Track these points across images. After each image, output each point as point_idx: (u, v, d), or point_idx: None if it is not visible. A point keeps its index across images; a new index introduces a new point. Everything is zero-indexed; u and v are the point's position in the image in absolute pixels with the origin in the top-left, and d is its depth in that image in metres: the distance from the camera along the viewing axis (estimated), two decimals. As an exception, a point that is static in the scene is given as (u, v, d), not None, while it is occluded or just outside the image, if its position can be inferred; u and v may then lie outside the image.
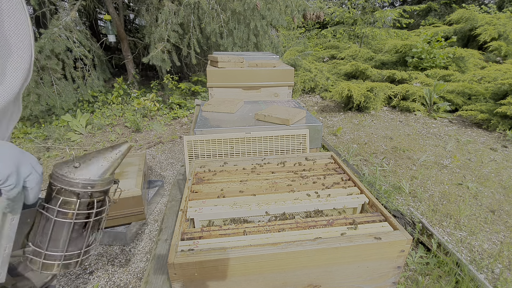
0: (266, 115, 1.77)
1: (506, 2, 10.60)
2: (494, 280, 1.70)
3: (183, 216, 0.99)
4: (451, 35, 8.19)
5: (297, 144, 1.69)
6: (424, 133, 4.02)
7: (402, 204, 2.39)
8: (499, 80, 4.43)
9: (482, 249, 1.94)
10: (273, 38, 5.18)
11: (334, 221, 0.98)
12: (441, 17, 11.73)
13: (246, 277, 0.84)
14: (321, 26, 12.78)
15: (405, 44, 6.52)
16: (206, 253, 0.81)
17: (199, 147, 1.60)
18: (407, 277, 1.71)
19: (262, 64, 2.41)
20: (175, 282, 0.81)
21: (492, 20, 7.75)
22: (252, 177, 1.27)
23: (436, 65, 6.14)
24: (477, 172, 2.94)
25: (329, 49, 8.89)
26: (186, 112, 4.61)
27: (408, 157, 3.25)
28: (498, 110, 3.96)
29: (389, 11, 8.60)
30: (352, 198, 1.10)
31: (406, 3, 14.31)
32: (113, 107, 4.57)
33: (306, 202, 1.07)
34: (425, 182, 2.73)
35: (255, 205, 1.05)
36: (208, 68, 2.32)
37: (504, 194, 2.56)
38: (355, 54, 7.67)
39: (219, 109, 1.98)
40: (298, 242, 0.84)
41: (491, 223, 2.19)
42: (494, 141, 3.75)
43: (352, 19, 8.73)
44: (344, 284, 0.92)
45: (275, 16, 4.61)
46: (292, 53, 7.30)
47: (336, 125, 4.30)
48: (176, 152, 3.38)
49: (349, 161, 3.05)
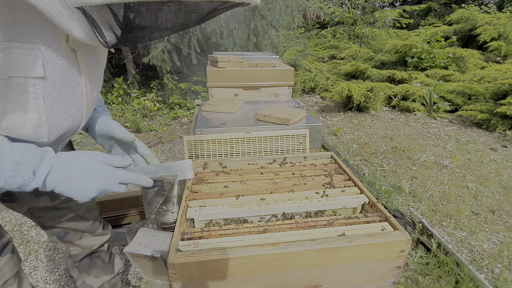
0: (266, 115, 1.77)
1: (506, 2, 10.60)
2: (494, 280, 1.70)
3: (183, 216, 0.99)
4: (451, 35, 8.19)
5: (297, 144, 1.69)
6: (424, 133, 4.02)
7: (402, 204, 2.39)
8: (499, 80, 4.43)
9: (482, 249, 1.94)
10: (273, 38, 5.18)
11: (334, 221, 0.98)
12: (441, 17, 11.74)
13: (246, 277, 0.84)
14: (321, 26, 12.78)
15: (405, 44, 6.52)
16: (206, 253, 0.81)
17: (199, 147, 1.60)
18: (407, 277, 1.71)
19: (262, 64, 2.41)
20: (175, 282, 0.81)
21: (492, 20, 7.75)
22: (252, 177, 1.27)
23: (436, 65, 6.14)
24: (477, 172, 2.94)
25: (329, 49, 8.89)
26: (186, 112, 4.61)
27: (408, 157, 3.25)
28: (498, 110, 3.97)
29: (389, 11, 8.60)
30: (352, 198, 1.10)
31: (406, 3, 14.31)
32: (113, 107, 4.57)
33: (306, 202, 1.07)
34: (425, 182, 2.73)
35: (255, 205, 1.05)
36: (208, 68, 2.32)
37: (504, 194, 2.56)
38: (355, 54, 7.67)
39: (219, 109, 1.98)
40: (298, 242, 0.84)
41: (491, 223, 2.19)
42: (494, 141, 3.75)
43: (352, 19, 8.74)
44: (344, 284, 0.92)
45: (275, 16, 4.61)
46: (292, 53, 7.30)
47: (336, 125, 4.31)
48: (176, 152, 3.38)
49: (349, 161, 3.05)
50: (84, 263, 1.09)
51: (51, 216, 0.93)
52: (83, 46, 0.62)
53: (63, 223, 0.96)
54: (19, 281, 0.80)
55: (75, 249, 1.05)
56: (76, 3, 0.44)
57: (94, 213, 1.05)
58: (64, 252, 1.06)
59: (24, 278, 0.84)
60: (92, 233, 1.06)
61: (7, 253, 0.77)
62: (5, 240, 0.77)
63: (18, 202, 0.85)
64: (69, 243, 1.03)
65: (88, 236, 1.05)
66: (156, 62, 4.27)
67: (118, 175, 0.65)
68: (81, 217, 0.99)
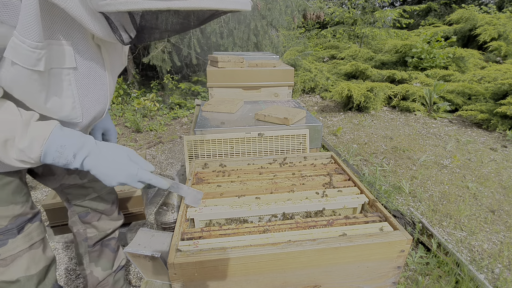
0: (266, 115, 1.77)
1: (506, 2, 10.60)
2: (494, 280, 1.70)
3: (183, 216, 0.99)
4: (451, 35, 8.19)
5: (297, 144, 1.69)
6: (424, 133, 4.02)
7: (402, 204, 2.39)
8: (499, 80, 4.43)
9: (482, 249, 1.94)
10: (273, 38, 5.18)
11: (334, 221, 0.98)
12: (441, 17, 11.74)
13: (246, 277, 0.84)
14: (321, 26, 12.78)
15: (405, 44, 6.51)
16: (206, 253, 0.81)
17: (199, 147, 1.60)
18: (407, 277, 1.71)
19: (262, 64, 2.41)
20: (175, 282, 0.81)
21: (492, 20, 7.75)
22: (252, 177, 1.27)
23: (436, 65, 6.14)
24: (477, 172, 2.94)
25: (329, 49, 8.88)
26: (186, 112, 4.61)
27: (408, 157, 3.25)
28: (498, 110, 3.96)
29: (389, 11, 8.60)
30: (352, 198, 1.10)
31: (406, 3, 14.32)
32: (113, 107, 4.57)
33: (306, 202, 1.07)
34: (425, 182, 2.73)
35: (255, 205, 1.05)
36: (208, 68, 2.32)
37: (504, 194, 2.56)
38: (355, 54, 7.67)
39: (219, 109, 1.98)
40: (298, 242, 0.84)
41: (491, 223, 2.19)
42: (494, 141, 3.75)
43: (352, 19, 8.73)
44: (344, 284, 0.92)
45: (275, 16, 4.61)
46: (292, 53, 7.30)
47: (336, 125, 4.31)
48: (176, 152, 3.38)
49: (349, 161, 3.06)
50: (96, 249, 1.20)
51: (77, 193, 1.08)
52: (106, 42, 0.74)
53: (86, 201, 1.11)
54: (43, 246, 0.92)
55: (92, 231, 1.17)
56: (99, 9, 0.54)
57: (113, 196, 1.20)
58: (80, 235, 1.17)
59: (48, 246, 0.96)
60: (108, 216, 1.19)
61: (36, 221, 0.90)
62: (36, 211, 0.91)
63: (55, 177, 1.02)
64: (88, 224, 1.16)
65: (105, 218, 1.18)
66: (156, 62, 4.27)
67: (139, 173, 0.76)
68: (102, 198, 1.14)
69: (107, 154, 0.73)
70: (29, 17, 0.51)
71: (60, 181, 1.04)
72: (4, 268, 0.81)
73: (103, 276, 1.24)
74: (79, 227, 1.16)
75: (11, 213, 0.81)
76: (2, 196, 0.79)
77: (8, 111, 0.63)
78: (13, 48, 0.53)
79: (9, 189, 0.80)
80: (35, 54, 0.55)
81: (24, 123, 0.64)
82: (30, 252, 0.86)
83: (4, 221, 0.80)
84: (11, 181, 0.80)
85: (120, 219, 1.26)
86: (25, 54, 0.54)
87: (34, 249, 0.88)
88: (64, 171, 1.02)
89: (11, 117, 0.63)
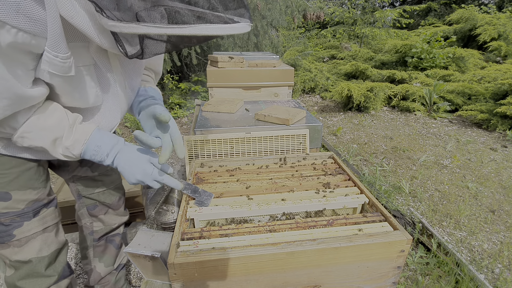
0: (266, 115, 1.77)
1: (506, 2, 10.61)
2: (494, 280, 1.70)
3: (183, 216, 0.99)
4: (451, 35, 8.19)
5: (297, 144, 1.69)
6: (424, 133, 4.02)
7: (402, 204, 2.39)
8: (499, 80, 4.43)
9: (482, 249, 1.94)
10: (273, 38, 5.18)
11: (334, 221, 0.98)
12: (441, 17, 11.74)
13: (246, 277, 0.84)
14: (321, 26, 12.79)
15: (405, 44, 6.52)
16: (206, 253, 0.81)
17: (199, 147, 1.60)
18: (407, 277, 1.71)
19: (262, 64, 2.41)
20: (175, 282, 0.81)
21: (492, 20, 7.75)
22: (252, 177, 1.27)
23: (436, 65, 6.14)
24: (477, 172, 2.94)
25: (329, 49, 8.89)
26: (186, 112, 4.61)
27: (408, 157, 3.25)
28: (498, 110, 3.97)
29: (389, 11, 8.61)
30: (352, 198, 1.10)
31: (406, 3, 14.32)
32: (113, 107, 4.56)
33: (306, 202, 1.07)
34: (425, 182, 2.73)
35: (255, 205, 1.05)
36: (208, 68, 2.32)
37: (504, 194, 2.56)
38: (355, 54, 7.67)
39: (219, 109, 1.98)
40: (298, 242, 0.84)
41: (491, 223, 2.19)
42: (494, 141, 3.75)
43: (352, 19, 8.73)
44: (344, 284, 0.92)
45: (275, 16, 4.61)
46: (292, 53, 7.30)
47: (336, 125, 4.31)
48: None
49: (349, 161, 3.06)
50: (100, 244, 1.24)
51: (88, 185, 1.14)
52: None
53: (95, 194, 1.16)
54: (56, 230, 0.99)
55: (98, 224, 1.22)
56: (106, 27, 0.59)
57: (120, 192, 1.25)
58: (87, 228, 1.22)
59: (60, 230, 1.03)
60: (115, 210, 1.23)
61: (52, 207, 0.98)
62: (52, 197, 0.99)
63: (68, 168, 1.10)
64: (95, 217, 1.20)
65: (112, 213, 1.23)
66: (156, 62, 4.26)
67: (154, 173, 0.87)
68: (110, 192, 1.20)
69: (131, 155, 0.86)
70: (56, 35, 0.60)
71: (73, 172, 1.11)
72: (18, 248, 0.89)
73: (105, 272, 1.27)
74: (86, 220, 1.21)
75: (28, 197, 0.88)
76: (21, 181, 0.86)
77: (56, 115, 0.76)
78: (48, 62, 0.64)
79: (28, 175, 0.87)
80: (67, 63, 0.66)
81: (70, 125, 0.78)
82: (43, 235, 0.93)
83: (22, 204, 0.87)
84: (30, 167, 0.88)
85: (126, 215, 1.30)
86: (59, 65, 0.65)
87: (47, 232, 0.95)
88: (77, 163, 1.10)
89: (60, 121, 0.77)
